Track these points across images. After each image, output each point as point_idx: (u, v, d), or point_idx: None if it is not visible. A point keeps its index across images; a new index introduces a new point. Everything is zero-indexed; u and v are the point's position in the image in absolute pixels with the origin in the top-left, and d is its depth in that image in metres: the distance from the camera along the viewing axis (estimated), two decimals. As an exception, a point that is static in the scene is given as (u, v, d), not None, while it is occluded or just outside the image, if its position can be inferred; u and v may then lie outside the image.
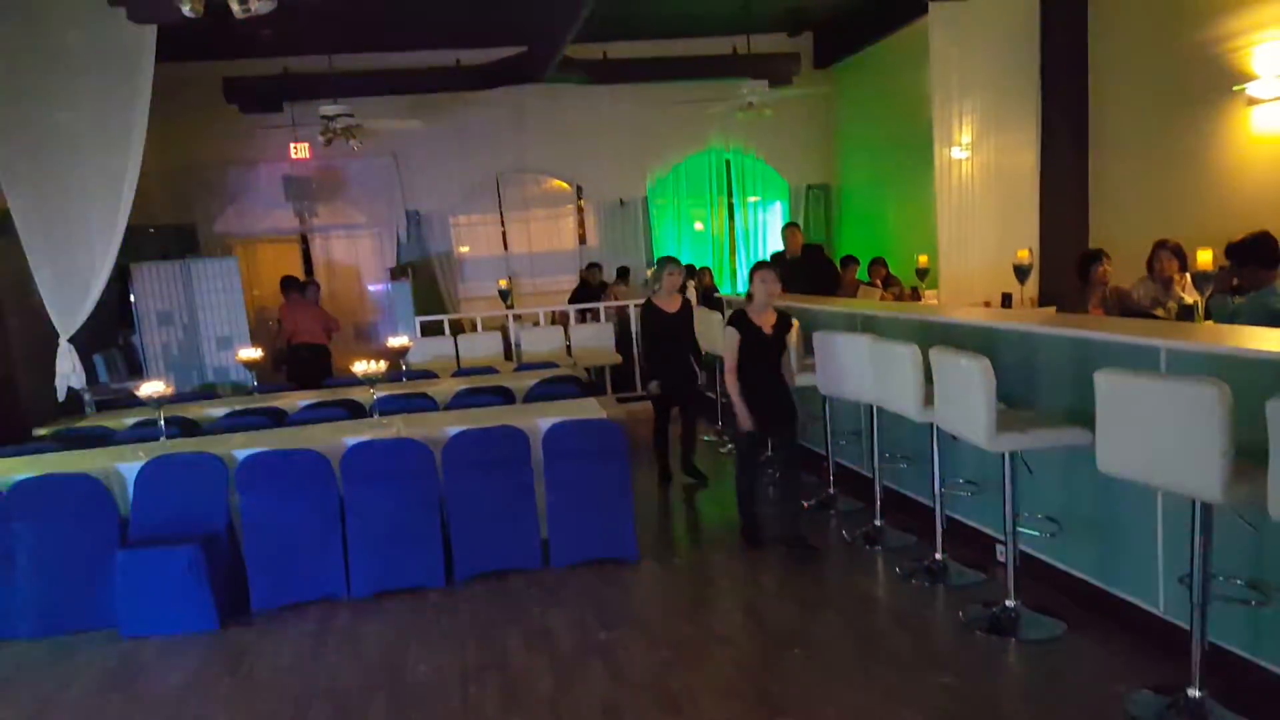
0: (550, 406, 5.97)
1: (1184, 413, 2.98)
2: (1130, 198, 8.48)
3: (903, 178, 11.76)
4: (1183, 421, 2.98)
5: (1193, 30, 7.59)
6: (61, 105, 6.79)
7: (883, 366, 4.82)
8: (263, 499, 5.06)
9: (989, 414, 3.86)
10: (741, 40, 11.50)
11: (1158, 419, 3.11)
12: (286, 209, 12.51)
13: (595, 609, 4.78)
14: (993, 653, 4.02)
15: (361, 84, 11.49)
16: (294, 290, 9.91)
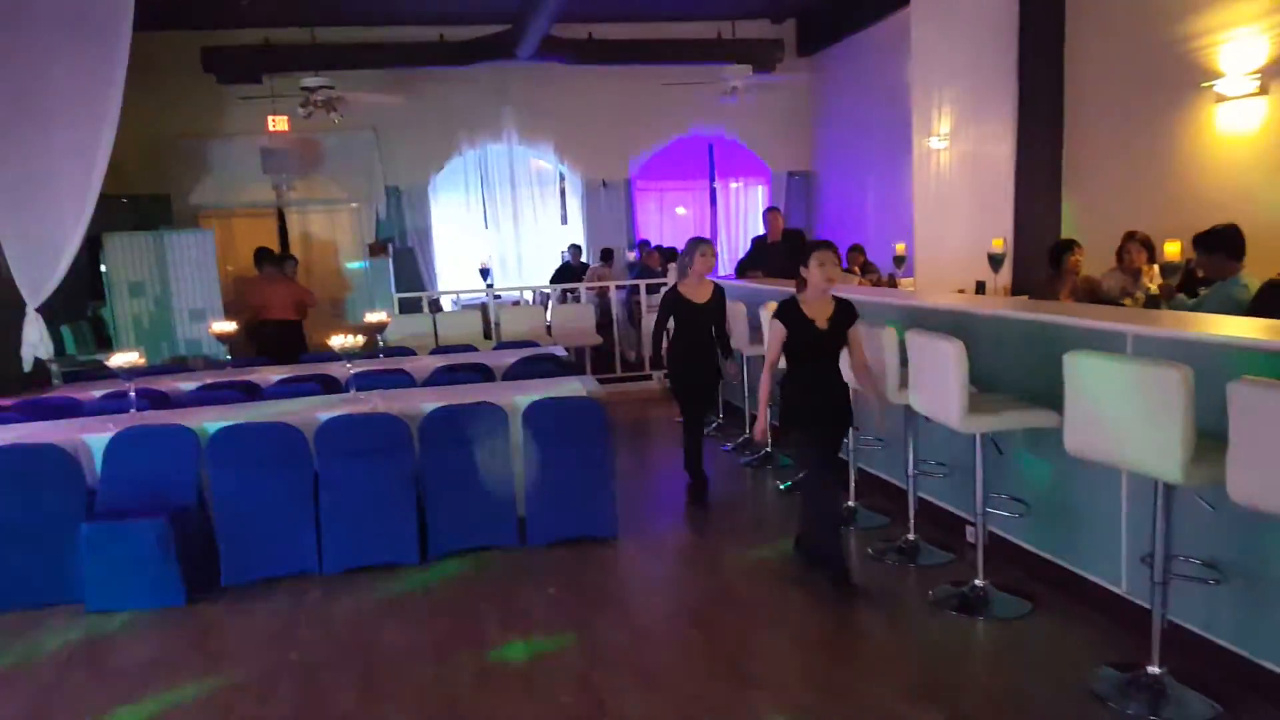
0: (530, 385, 5.98)
1: (1147, 395, 3.03)
2: (1101, 190, 8.57)
3: (882, 166, 11.81)
4: (1146, 404, 3.04)
5: (1164, 27, 7.67)
6: (35, 72, 6.67)
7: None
8: (234, 473, 5.03)
9: (961, 396, 3.91)
10: (726, 25, 11.51)
11: (1122, 401, 3.17)
12: (263, 182, 12.39)
13: (572, 587, 4.80)
14: (961, 631, 4.09)
15: (343, 57, 11.42)
16: (268, 263, 9.74)
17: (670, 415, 9.21)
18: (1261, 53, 6.85)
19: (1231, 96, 7.06)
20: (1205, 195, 7.26)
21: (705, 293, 6.04)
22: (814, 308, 4.46)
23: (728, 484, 6.75)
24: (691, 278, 6.00)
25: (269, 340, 9.04)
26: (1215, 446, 2.89)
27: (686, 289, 6.01)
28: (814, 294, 4.45)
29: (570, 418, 5.34)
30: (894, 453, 5.47)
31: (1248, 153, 7.08)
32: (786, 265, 8.50)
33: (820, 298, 4.45)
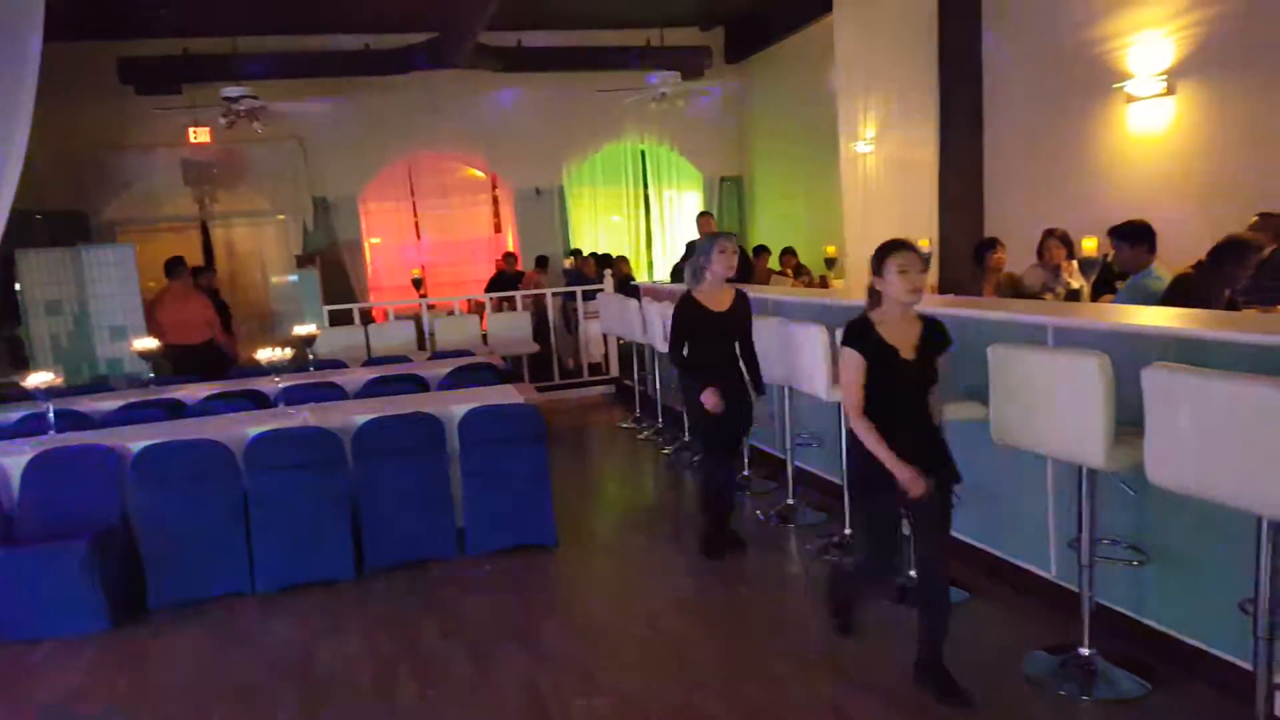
0: (466, 394, 5.92)
1: (1069, 383, 3.13)
2: (1021, 189, 8.83)
3: (811, 170, 11.99)
4: (1068, 392, 3.14)
5: (1076, 30, 7.93)
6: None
7: (792, 348, 4.92)
8: (160, 492, 4.88)
9: (891, 391, 3.98)
10: (655, 33, 11.57)
11: (1045, 390, 3.27)
12: (185, 194, 12.07)
13: (514, 595, 4.76)
14: (899, 621, 4.14)
15: (266, 66, 11.18)
16: (175, 276, 8.94)
17: (611, 419, 9.24)
18: (1168, 54, 7.12)
19: (1141, 97, 7.33)
20: (1118, 193, 7.52)
21: (726, 299, 4.92)
22: (896, 329, 3.31)
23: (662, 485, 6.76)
24: (709, 281, 4.89)
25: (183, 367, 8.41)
26: (1135, 431, 2.98)
27: (704, 296, 4.89)
28: (894, 311, 3.32)
29: (507, 426, 5.30)
30: (829, 449, 5.55)
31: (1157, 152, 7.36)
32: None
33: (903, 315, 3.33)
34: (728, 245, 4.86)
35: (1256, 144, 6.61)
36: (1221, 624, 3.22)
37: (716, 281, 4.90)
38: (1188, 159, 7.11)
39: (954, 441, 4.49)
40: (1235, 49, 6.69)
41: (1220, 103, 6.85)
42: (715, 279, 4.88)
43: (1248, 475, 2.56)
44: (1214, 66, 6.84)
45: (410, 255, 13.40)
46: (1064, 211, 7.59)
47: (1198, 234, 5.58)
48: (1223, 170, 6.85)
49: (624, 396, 10.02)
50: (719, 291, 4.92)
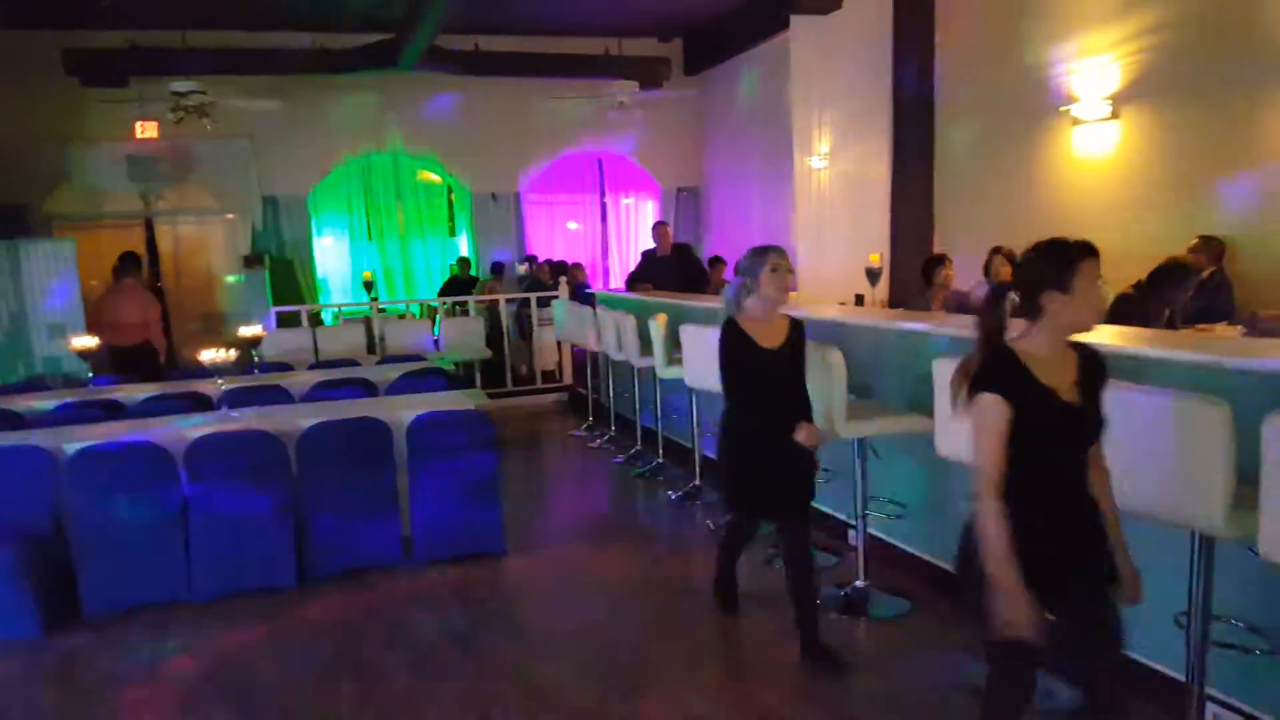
0: (415, 399, 5.84)
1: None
2: (969, 208, 9.01)
3: (767, 183, 12.09)
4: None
5: (1026, 53, 8.12)
6: None
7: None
8: (95, 496, 4.74)
9: (841, 403, 4.01)
10: (613, 42, 11.57)
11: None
12: (130, 190, 11.78)
13: (460, 605, 4.70)
14: (845, 631, 4.18)
15: (217, 62, 10.96)
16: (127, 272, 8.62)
17: (564, 427, 9.19)
18: (1114, 80, 7.32)
19: (1086, 120, 7.51)
20: (1064, 213, 7.69)
21: (779, 332, 3.84)
22: (1053, 368, 2.40)
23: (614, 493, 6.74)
24: (757, 307, 3.81)
25: (126, 368, 8.14)
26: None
27: (751, 325, 3.82)
28: (1054, 341, 2.43)
29: (457, 432, 5.24)
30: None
31: (1101, 174, 7.54)
32: (675, 278, 8.64)
33: (1059, 344, 2.44)
34: (780, 262, 3.77)
35: (1196, 168, 6.81)
36: (1156, 636, 3.28)
37: (767, 308, 3.81)
38: (1131, 181, 7.30)
39: (900, 454, 4.57)
40: (1177, 76, 6.89)
41: (1162, 127, 7.05)
42: (765, 305, 3.80)
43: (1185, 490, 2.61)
44: (1157, 92, 7.04)
45: (361, 258, 13.24)
46: (1011, 230, 7.74)
47: (1141, 255, 5.72)
48: (1164, 193, 7.04)
49: (577, 404, 9.99)
50: (769, 321, 3.83)
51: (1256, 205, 6.42)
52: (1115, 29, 7.29)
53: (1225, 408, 2.51)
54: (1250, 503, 2.44)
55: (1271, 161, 6.31)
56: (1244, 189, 6.49)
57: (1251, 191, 6.44)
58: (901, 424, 4.15)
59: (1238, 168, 6.52)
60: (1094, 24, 7.46)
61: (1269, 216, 6.32)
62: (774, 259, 3.79)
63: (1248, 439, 2.43)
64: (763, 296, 3.79)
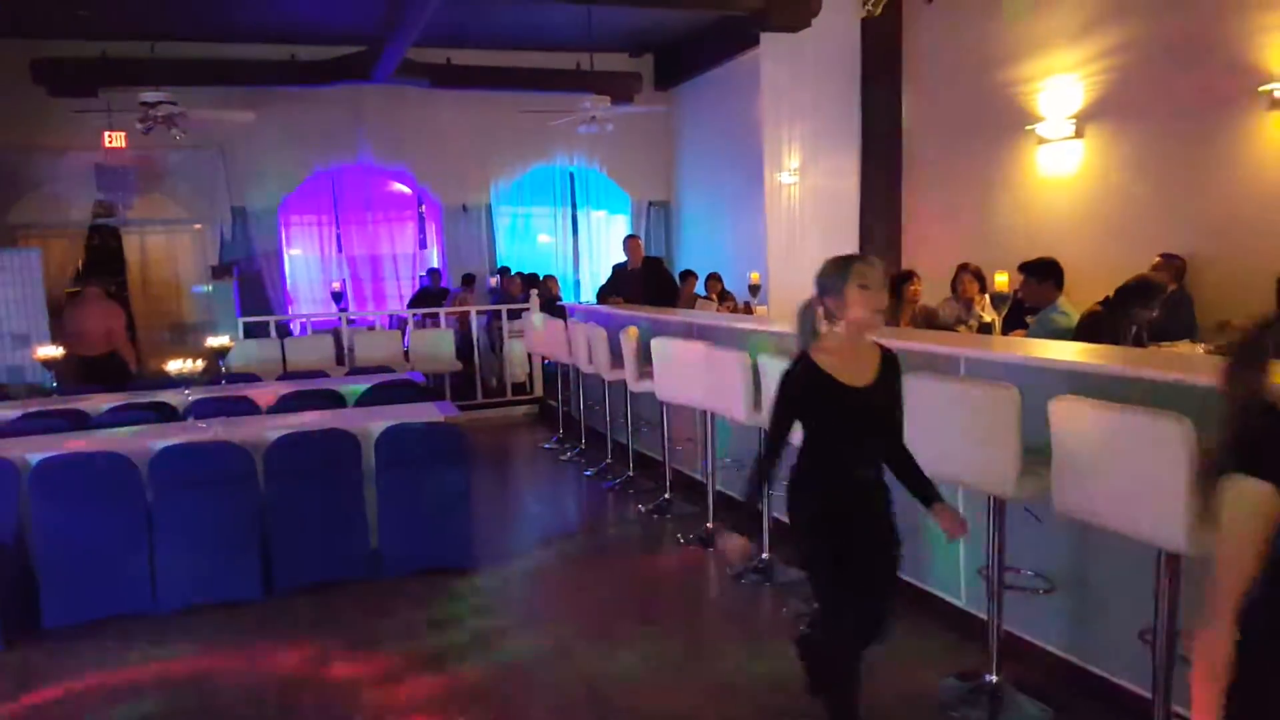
0: (384, 411, 5.81)
1: (980, 414, 3.23)
2: (937, 225, 9.13)
3: (737, 198, 12.17)
4: (978, 422, 3.23)
5: (990, 72, 8.26)
6: None
7: (715, 372, 4.96)
8: (59, 507, 4.66)
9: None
10: (585, 57, 11.62)
11: (957, 420, 3.36)
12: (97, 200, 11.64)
13: (428, 619, 4.67)
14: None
15: (187, 73, 10.88)
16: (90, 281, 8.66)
17: (534, 440, 9.16)
18: (1078, 99, 7.46)
19: (1051, 139, 7.65)
20: (1029, 231, 7.82)
21: (868, 366, 2.99)
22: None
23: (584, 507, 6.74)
24: (839, 335, 2.96)
25: (90, 378, 8.02)
26: (1043, 462, 3.08)
27: (830, 360, 2.93)
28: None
29: (426, 444, 5.21)
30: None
31: (1066, 192, 7.68)
32: (646, 292, 8.68)
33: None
34: (871, 275, 2.91)
35: (1159, 187, 6.96)
36: (1123, 652, 3.33)
37: (854, 336, 2.95)
38: (1095, 199, 7.44)
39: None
40: (1140, 96, 7.04)
41: (1126, 146, 7.20)
42: (852, 331, 2.94)
43: (1150, 507, 2.66)
44: (1120, 112, 7.18)
45: (331, 269, 13.16)
46: (977, 247, 7.87)
47: (1104, 272, 5.83)
48: (1127, 211, 7.18)
49: (547, 417, 9.97)
50: (855, 352, 2.97)
51: (1216, 224, 6.57)
52: (1079, 49, 7.44)
53: (1188, 424, 2.55)
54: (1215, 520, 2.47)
55: (1231, 180, 6.47)
56: (1204, 207, 6.64)
57: (1211, 210, 6.59)
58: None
59: (1199, 186, 6.67)
60: (1059, 44, 7.61)
61: (1228, 235, 6.47)
62: (862, 272, 2.90)
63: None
64: (852, 322, 2.91)
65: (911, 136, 9.41)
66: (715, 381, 4.99)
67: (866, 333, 2.98)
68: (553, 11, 10.88)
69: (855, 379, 2.93)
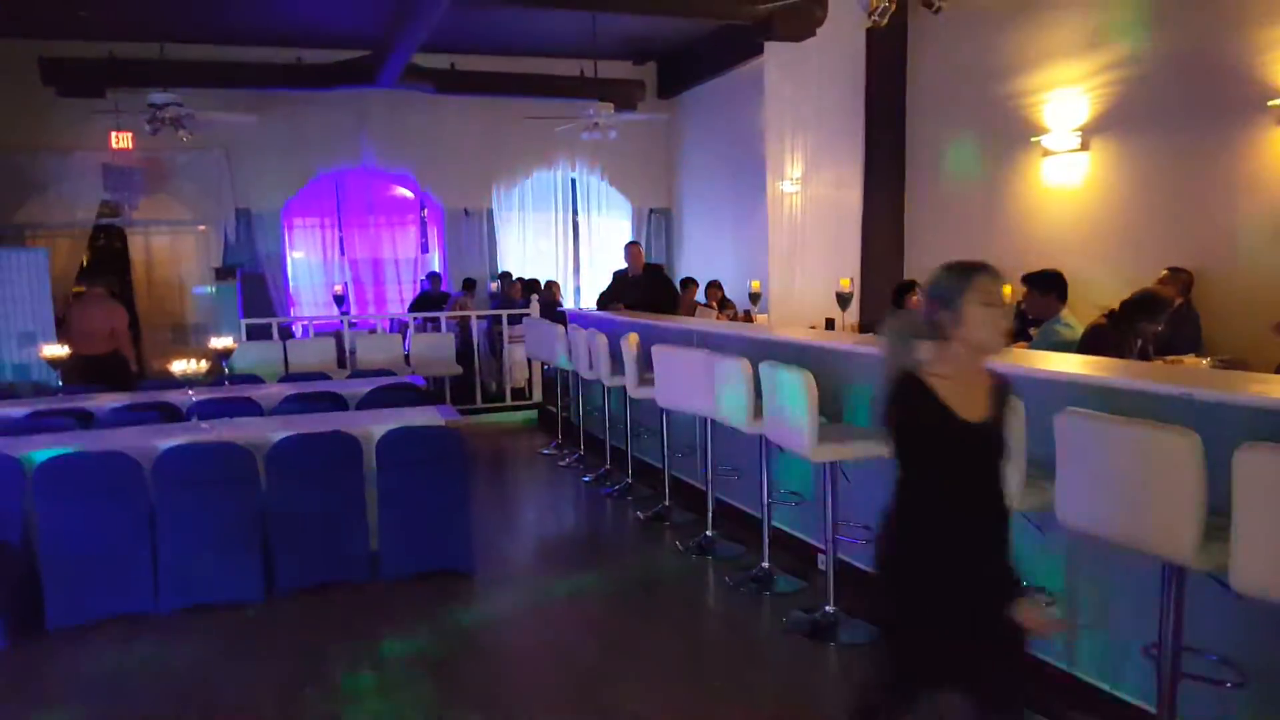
0: (385, 414, 5.82)
1: (983, 424, 3.23)
2: (940, 235, 9.16)
3: (739, 206, 12.21)
4: (982, 433, 3.23)
5: (997, 83, 8.30)
6: None
7: (716, 379, 4.98)
8: (63, 506, 4.67)
9: (811, 425, 4.06)
10: (588, 64, 11.66)
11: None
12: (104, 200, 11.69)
13: (427, 622, 4.68)
14: (812, 656, 4.21)
15: (194, 74, 10.91)
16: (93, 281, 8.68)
17: (533, 445, 9.17)
18: (1084, 112, 7.49)
19: (1056, 151, 7.68)
20: (1033, 242, 7.84)
21: (981, 397, 2.45)
22: None
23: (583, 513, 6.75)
24: (953, 356, 2.45)
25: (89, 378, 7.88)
26: (1045, 475, 3.10)
27: (946, 385, 2.41)
28: None
29: (427, 448, 5.23)
30: (749, 482, 5.61)
31: (1071, 204, 7.71)
32: (646, 299, 8.69)
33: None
34: (996, 291, 2.48)
35: (1164, 201, 6.98)
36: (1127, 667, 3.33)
37: (969, 360, 2.43)
38: (1100, 212, 7.46)
39: (871, 479, 4.60)
40: (1146, 109, 7.07)
41: (1131, 159, 7.22)
42: (967, 355, 2.42)
43: (1155, 520, 2.67)
44: (1126, 125, 7.21)
45: (334, 272, 13.19)
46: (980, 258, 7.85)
47: (1108, 285, 5.86)
48: (1133, 224, 7.21)
49: (546, 422, 9.98)
50: (969, 380, 2.42)
51: (1223, 238, 6.59)
52: (1085, 62, 7.47)
53: (1195, 438, 2.56)
54: (1221, 534, 2.49)
55: (1238, 194, 6.49)
56: (1211, 221, 6.66)
57: (1218, 224, 6.61)
58: (873, 448, 4.17)
59: (1205, 200, 6.69)
60: (1064, 56, 7.65)
61: (1235, 249, 6.49)
62: (986, 287, 2.44)
63: (1220, 470, 2.47)
64: (970, 342, 2.41)
65: (915, 146, 9.45)
66: (717, 389, 5.00)
67: (984, 358, 2.50)
68: (557, 18, 10.92)
69: (970, 412, 2.39)
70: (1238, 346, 6.07)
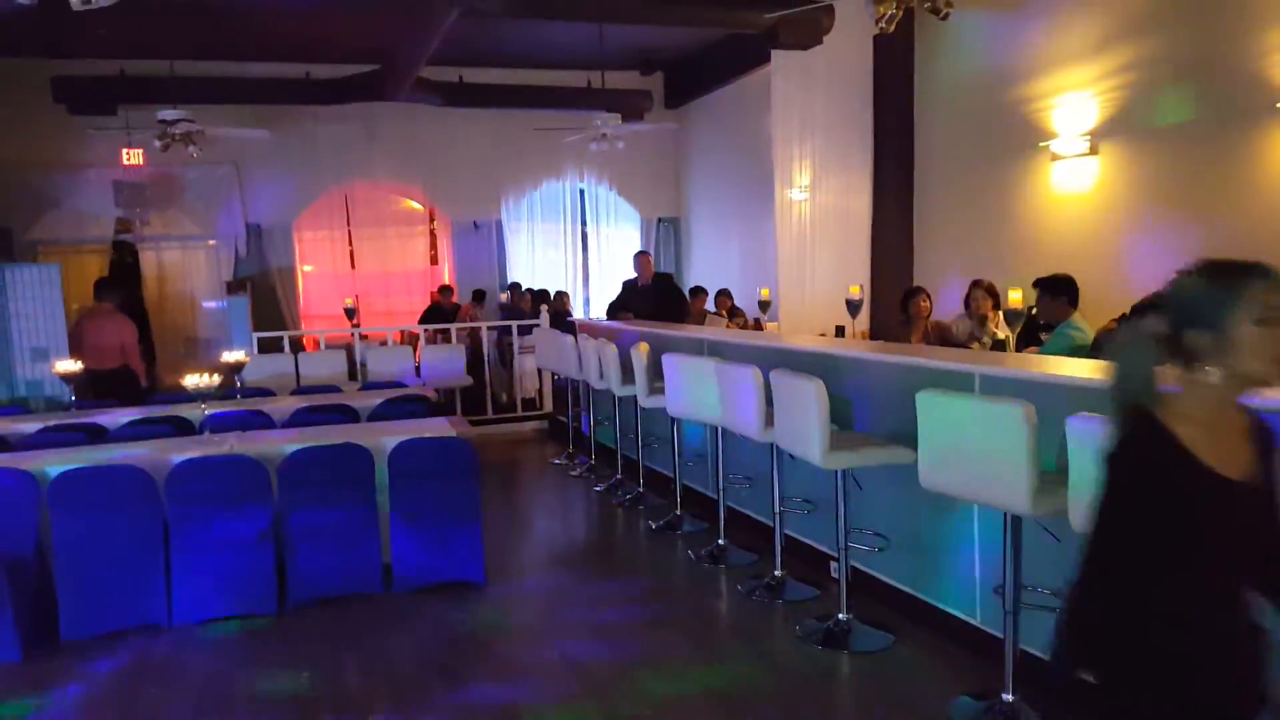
0: (396, 425, 5.84)
1: (994, 430, 3.23)
2: (950, 241, 9.14)
3: (747, 214, 12.21)
4: (993, 439, 3.23)
5: (1005, 89, 8.29)
6: None
7: (727, 388, 4.97)
8: (77, 519, 4.70)
9: (823, 433, 4.06)
10: (596, 75, 11.71)
11: (971, 437, 3.36)
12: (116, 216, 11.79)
13: (440, 633, 4.68)
14: (827, 664, 4.19)
15: (203, 91, 11.03)
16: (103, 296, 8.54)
17: (544, 455, 9.17)
18: (1092, 116, 7.47)
19: (1065, 156, 7.66)
20: (1043, 248, 7.82)
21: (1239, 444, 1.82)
22: None
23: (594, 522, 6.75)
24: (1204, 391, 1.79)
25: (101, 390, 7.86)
26: (1059, 480, 3.08)
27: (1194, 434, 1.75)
28: None
29: (438, 459, 5.23)
30: (761, 491, 5.60)
31: (1080, 209, 7.68)
32: (656, 308, 8.70)
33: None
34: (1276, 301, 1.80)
35: (1174, 204, 6.95)
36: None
37: (1232, 398, 1.83)
38: (1110, 217, 7.44)
39: (883, 486, 4.60)
40: (1155, 113, 7.05)
41: (1140, 163, 7.20)
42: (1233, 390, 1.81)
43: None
44: (1135, 129, 7.19)
45: (344, 284, 13.24)
46: (990, 263, 7.87)
47: (1119, 289, 5.83)
48: (1143, 228, 7.18)
49: (557, 433, 9.99)
50: (1227, 424, 1.83)
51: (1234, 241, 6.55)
52: (1093, 66, 7.46)
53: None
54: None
55: (1248, 197, 6.46)
56: (1221, 224, 6.63)
57: (1228, 227, 6.58)
58: (884, 455, 4.18)
59: (1215, 203, 6.67)
60: (1072, 61, 7.64)
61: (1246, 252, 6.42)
62: (1264, 295, 1.82)
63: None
64: (1234, 373, 1.78)
65: (924, 153, 9.44)
66: (727, 397, 5.00)
67: (1247, 393, 1.82)
68: (564, 30, 10.97)
69: (1229, 466, 1.77)
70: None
